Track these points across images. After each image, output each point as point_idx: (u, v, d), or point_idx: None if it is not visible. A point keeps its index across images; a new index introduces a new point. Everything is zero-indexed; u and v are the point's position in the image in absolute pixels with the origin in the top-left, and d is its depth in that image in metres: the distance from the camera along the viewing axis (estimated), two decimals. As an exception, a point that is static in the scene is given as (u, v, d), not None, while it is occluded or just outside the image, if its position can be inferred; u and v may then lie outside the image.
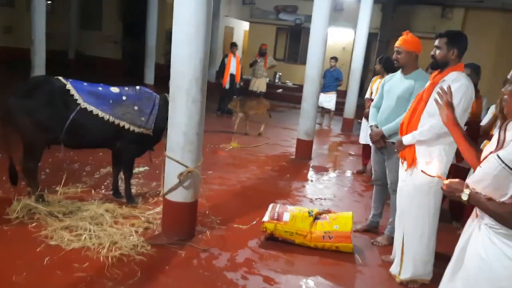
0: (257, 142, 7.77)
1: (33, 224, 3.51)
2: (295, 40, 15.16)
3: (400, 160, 3.32)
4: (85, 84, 3.89)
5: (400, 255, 3.27)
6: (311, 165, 6.70)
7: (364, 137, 6.27)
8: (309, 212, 3.75)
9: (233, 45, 10.63)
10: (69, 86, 3.75)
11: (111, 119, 3.86)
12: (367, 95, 6.38)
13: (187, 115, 3.38)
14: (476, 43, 8.56)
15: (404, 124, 3.27)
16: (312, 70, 6.59)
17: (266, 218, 3.74)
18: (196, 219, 3.75)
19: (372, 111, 4.03)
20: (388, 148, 3.79)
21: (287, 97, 13.37)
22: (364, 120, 6.33)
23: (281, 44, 15.41)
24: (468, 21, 12.86)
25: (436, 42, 3.14)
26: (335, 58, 10.29)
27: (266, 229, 3.70)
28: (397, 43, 3.73)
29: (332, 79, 10.09)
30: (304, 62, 14.83)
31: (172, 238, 3.57)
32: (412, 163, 3.16)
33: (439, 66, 3.15)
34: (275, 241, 3.73)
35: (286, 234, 3.68)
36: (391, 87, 3.85)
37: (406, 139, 3.18)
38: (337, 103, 10.37)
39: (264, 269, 3.30)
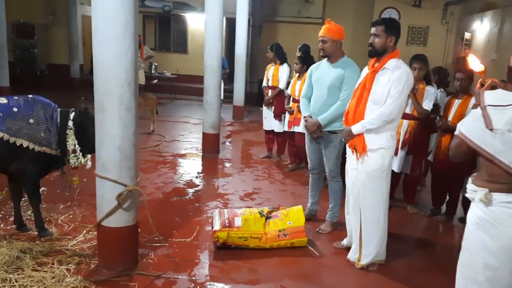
0: (154, 141, 7.23)
1: None
2: (165, 28, 14.47)
3: (350, 150, 3.34)
4: (-37, 97, 3.05)
5: (358, 242, 3.33)
6: (222, 159, 6.49)
7: (268, 124, 6.31)
8: (260, 213, 3.58)
9: None
10: None
11: (6, 136, 3.12)
12: (264, 83, 6.40)
13: (121, 125, 2.87)
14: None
15: (349, 113, 3.28)
16: (212, 61, 6.29)
17: (217, 227, 3.46)
18: (138, 243, 3.28)
19: (303, 101, 3.99)
20: (324, 137, 3.82)
21: (165, 88, 12.76)
22: (264, 107, 6.35)
23: (150, 32, 14.57)
24: (328, 6, 13.82)
25: (373, 30, 3.19)
26: (217, 46, 10.06)
27: (218, 238, 3.42)
28: (321, 33, 3.73)
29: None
30: (177, 50, 14.64)
31: (115, 269, 3.05)
32: (363, 150, 3.21)
33: (378, 53, 3.19)
34: (227, 249, 3.48)
35: (240, 240, 3.45)
36: (319, 77, 3.85)
37: (356, 129, 3.19)
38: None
39: (231, 284, 3.05)
